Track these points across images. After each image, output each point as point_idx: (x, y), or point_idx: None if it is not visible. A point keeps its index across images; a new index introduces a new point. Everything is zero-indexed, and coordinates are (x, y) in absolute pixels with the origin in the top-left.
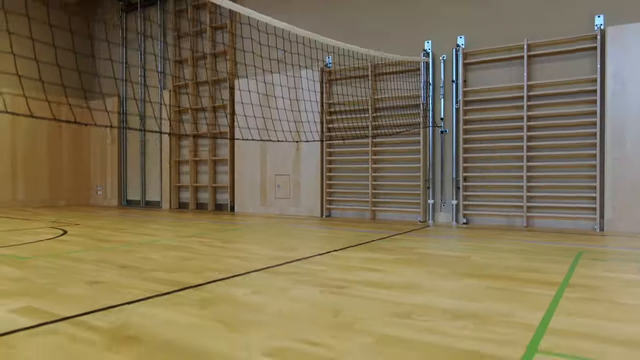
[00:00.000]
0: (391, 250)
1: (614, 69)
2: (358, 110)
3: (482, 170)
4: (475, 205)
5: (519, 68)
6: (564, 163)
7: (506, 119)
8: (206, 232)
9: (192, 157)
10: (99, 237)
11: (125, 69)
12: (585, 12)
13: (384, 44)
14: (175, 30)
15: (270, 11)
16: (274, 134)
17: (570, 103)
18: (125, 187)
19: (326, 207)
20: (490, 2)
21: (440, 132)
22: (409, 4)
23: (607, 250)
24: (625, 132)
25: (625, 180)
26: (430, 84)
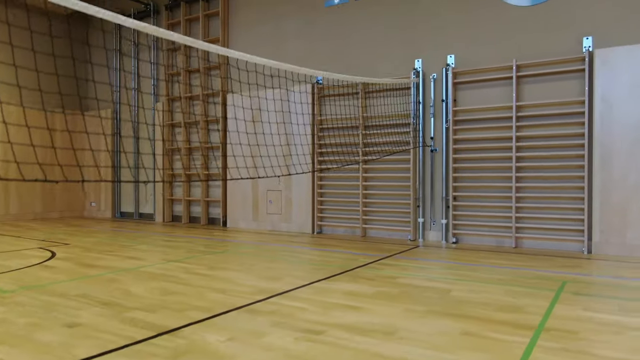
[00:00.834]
0: (374, 280)
1: (602, 92)
2: (349, 127)
3: (471, 190)
4: (465, 224)
5: (508, 88)
6: (552, 184)
7: (495, 139)
8: (194, 255)
9: (185, 171)
10: (86, 261)
11: (119, 81)
12: (573, 34)
13: (375, 62)
14: (167, 43)
15: (262, 25)
16: (264, 149)
17: (559, 124)
18: (119, 199)
19: (317, 224)
20: (479, 22)
21: (430, 150)
22: (400, 23)
23: (591, 280)
24: (613, 155)
25: (613, 204)
26: (421, 102)
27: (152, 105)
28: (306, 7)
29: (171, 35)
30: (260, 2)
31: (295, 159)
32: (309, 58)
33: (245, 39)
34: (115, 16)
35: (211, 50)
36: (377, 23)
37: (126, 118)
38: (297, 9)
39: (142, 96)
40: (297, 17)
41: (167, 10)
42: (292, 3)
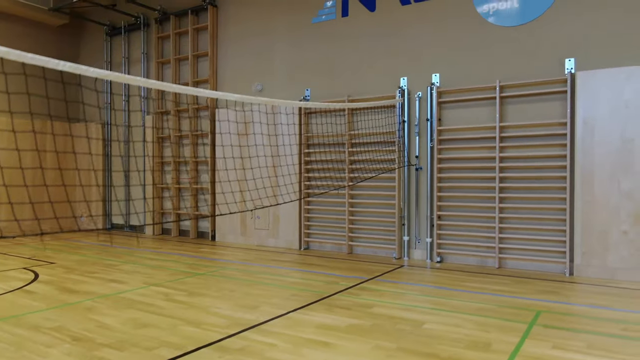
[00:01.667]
0: (349, 310)
1: (583, 114)
2: (335, 144)
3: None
4: (449, 244)
5: (492, 108)
6: (535, 205)
7: (479, 159)
8: (176, 277)
9: (174, 184)
10: (68, 284)
11: (110, 94)
12: (556, 55)
13: (361, 77)
14: (157, 56)
15: (251, 39)
16: (250, 161)
17: (541, 145)
18: (110, 211)
19: (304, 240)
20: (464, 41)
21: (415, 169)
22: (386, 40)
23: (566, 310)
24: (594, 178)
25: (594, 227)
26: (406, 121)
27: (142, 119)
28: (294, 23)
29: (147, 83)
30: (249, 17)
31: (282, 169)
32: (297, 72)
33: (234, 52)
34: (76, 67)
35: (200, 94)
36: (363, 40)
37: (116, 134)
38: (285, 25)
39: (130, 112)
40: (286, 32)
41: (157, 23)
42: (281, 19)
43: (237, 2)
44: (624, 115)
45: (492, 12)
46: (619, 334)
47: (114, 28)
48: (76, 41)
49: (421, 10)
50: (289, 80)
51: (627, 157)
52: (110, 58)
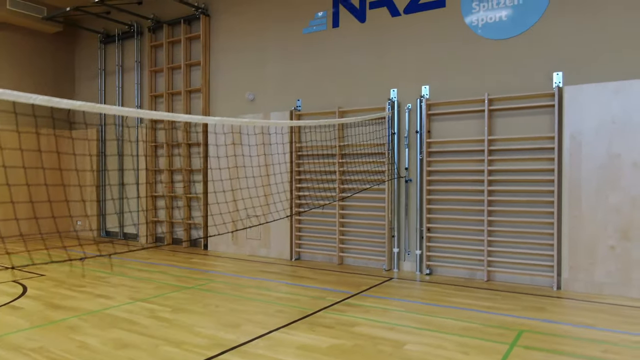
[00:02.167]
0: (332, 329)
1: (570, 129)
2: (326, 154)
3: (445, 221)
4: (438, 256)
5: (481, 121)
6: (523, 219)
7: (468, 172)
8: (163, 291)
9: (167, 193)
10: (55, 299)
11: (104, 101)
12: (544, 69)
13: (351, 88)
14: (151, 65)
15: (243, 50)
16: (245, 170)
17: (529, 159)
18: (104, 218)
19: (295, 250)
20: (454, 54)
21: (405, 181)
22: (376, 51)
23: (549, 328)
24: (581, 193)
25: (581, 241)
26: (395, 133)
27: (136, 127)
28: (286, 33)
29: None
30: (242, 26)
31: (275, 178)
32: (288, 82)
33: (226, 62)
34: (49, 99)
35: (192, 120)
36: (353, 51)
37: (111, 136)
38: (277, 35)
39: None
40: (277, 42)
41: (150, 32)
42: (272, 29)
43: (229, 11)
44: (611, 130)
45: (481, 25)
46: (599, 356)
47: (107, 36)
48: (71, 48)
49: (411, 22)
50: (280, 90)
51: (614, 172)
52: (105, 66)
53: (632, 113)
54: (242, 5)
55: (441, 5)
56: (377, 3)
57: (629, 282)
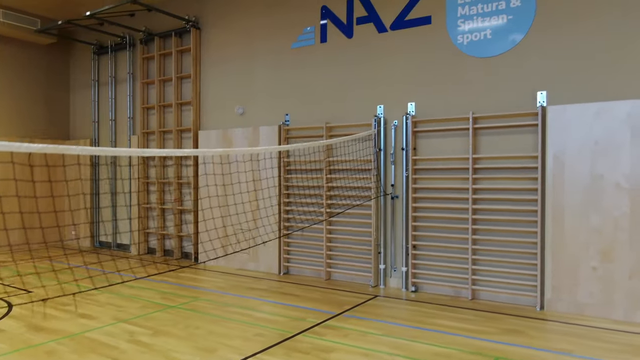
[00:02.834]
0: (309, 354)
1: (553, 149)
2: (314, 169)
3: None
4: (424, 273)
5: (466, 139)
6: (507, 238)
7: (453, 190)
8: (147, 311)
9: (159, 205)
10: (38, 320)
11: (97, 112)
12: (528, 88)
13: (338, 102)
14: (142, 77)
15: (233, 63)
16: (232, 187)
17: (514, 178)
18: (97, 229)
19: (284, 265)
20: (439, 71)
21: (391, 197)
22: (364, 67)
23: (526, 355)
24: (564, 213)
25: (564, 262)
26: (382, 149)
27: (128, 138)
28: (275, 47)
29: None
30: (232, 40)
31: (263, 192)
32: (277, 97)
33: (217, 75)
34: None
35: (185, 154)
36: (341, 66)
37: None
38: (266, 49)
39: (118, 128)
40: (266, 56)
41: (142, 44)
42: (262, 43)
43: (219, 25)
44: (594, 151)
45: (466, 42)
46: None
47: (101, 47)
48: (65, 59)
49: (397, 38)
50: (269, 104)
51: (596, 194)
52: (98, 77)
53: (613, 134)
54: (233, 19)
55: (427, 22)
56: (364, 19)
57: (611, 304)
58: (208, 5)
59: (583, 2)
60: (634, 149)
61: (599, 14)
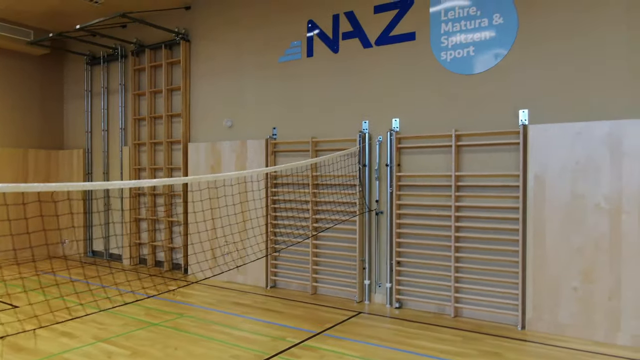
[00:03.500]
0: None
1: (535, 169)
2: (300, 184)
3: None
4: (408, 290)
5: (449, 156)
6: (489, 256)
7: (437, 207)
8: (128, 329)
9: (149, 216)
10: (19, 339)
11: (90, 122)
12: (511, 105)
13: (324, 116)
14: (134, 88)
15: (222, 76)
16: (218, 201)
17: (496, 197)
18: (90, 238)
19: (271, 279)
20: (423, 87)
21: (375, 213)
22: (349, 83)
23: None
24: (545, 233)
25: (545, 282)
26: (366, 165)
27: (120, 148)
28: (263, 61)
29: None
30: (221, 53)
31: (249, 204)
32: (265, 110)
33: (206, 88)
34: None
35: (176, 182)
36: (327, 81)
37: (97, 158)
38: (254, 63)
39: (110, 138)
40: (254, 70)
41: (134, 55)
42: (250, 57)
43: (209, 37)
44: (575, 171)
45: (450, 59)
46: None
47: (94, 57)
48: (59, 69)
49: (382, 54)
50: (257, 118)
51: (577, 214)
52: (91, 87)
53: (594, 155)
54: (222, 32)
55: (411, 38)
56: (349, 34)
57: (592, 325)
58: (198, 18)
59: (564, 22)
60: (614, 169)
61: (579, 33)
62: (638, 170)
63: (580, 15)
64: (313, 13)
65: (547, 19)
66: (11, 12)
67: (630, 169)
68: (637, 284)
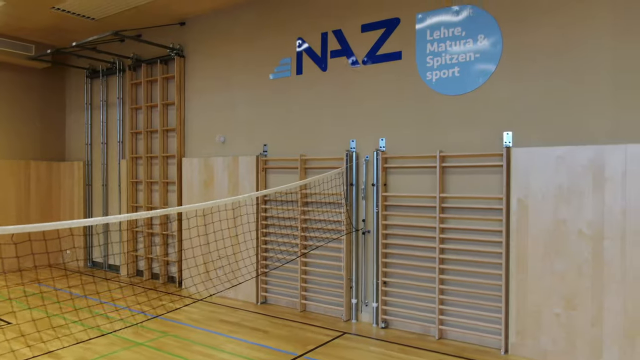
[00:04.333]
0: None
1: (518, 193)
2: (289, 201)
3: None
4: (394, 310)
5: (434, 177)
6: (473, 279)
7: (422, 227)
8: (113, 349)
9: (146, 229)
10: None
11: (90, 134)
12: (495, 127)
13: (313, 133)
14: (131, 102)
15: (215, 92)
16: (212, 216)
17: (480, 219)
18: (90, 249)
19: (261, 295)
20: (409, 107)
21: (362, 232)
22: (337, 101)
23: None
24: (528, 257)
25: (528, 306)
26: (353, 184)
27: (118, 161)
28: (254, 78)
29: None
30: (214, 69)
31: (243, 219)
32: (256, 126)
33: (200, 103)
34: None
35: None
36: (316, 99)
37: (97, 170)
38: (246, 79)
39: (109, 151)
40: (246, 86)
41: (131, 70)
42: (242, 73)
43: (202, 53)
44: (557, 196)
45: (435, 80)
46: None
47: (94, 71)
48: (61, 82)
49: (370, 73)
50: (248, 134)
51: (559, 239)
52: (91, 100)
53: (576, 180)
54: (215, 48)
55: (398, 57)
56: (337, 52)
57: (574, 351)
58: (192, 34)
59: (548, 44)
60: (596, 195)
61: (563, 56)
62: (620, 196)
63: (565, 39)
64: (302, 30)
65: (532, 40)
66: (13, 28)
67: (613, 195)
68: (619, 311)
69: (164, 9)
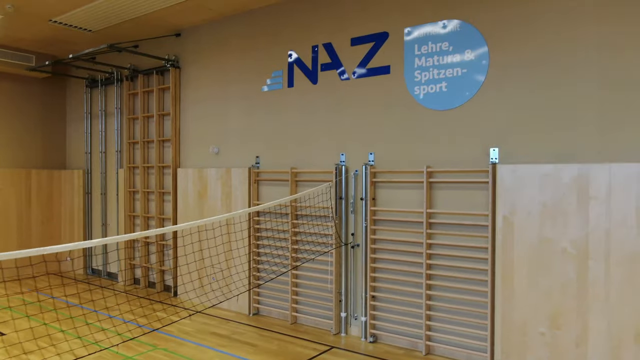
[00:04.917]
0: None
1: (503, 210)
2: (281, 213)
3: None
4: (382, 324)
5: (421, 192)
6: (460, 295)
7: (409, 242)
8: None
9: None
10: None
11: (90, 143)
12: (482, 143)
13: (304, 150)
14: (128, 112)
15: (209, 103)
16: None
17: (466, 235)
18: (90, 257)
19: (254, 306)
20: (397, 122)
21: (351, 246)
22: (327, 114)
23: None
24: (514, 275)
25: (513, 324)
26: (343, 198)
27: (116, 171)
28: (247, 90)
29: None
30: (208, 81)
31: (235, 226)
32: (249, 138)
33: (195, 114)
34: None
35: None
36: (307, 112)
37: (96, 178)
38: (239, 92)
39: (107, 160)
40: (239, 98)
41: (128, 80)
42: (235, 85)
43: (197, 64)
44: (542, 214)
45: (423, 94)
46: None
47: (93, 80)
48: (62, 91)
49: (359, 86)
50: (241, 145)
51: (545, 258)
52: (90, 109)
53: (561, 198)
54: (210, 60)
55: (386, 71)
56: (327, 65)
57: None
58: (187, 45)
59: (535, 60)
60: (581, 214)
61: (550, 73)
62: (605, 215)
63: (551, 55)
64: (293, 43)
65: (518, 56)
66: (13, 39)
67: (597, 214)
68: (603, 331)
69: (160, 20)
